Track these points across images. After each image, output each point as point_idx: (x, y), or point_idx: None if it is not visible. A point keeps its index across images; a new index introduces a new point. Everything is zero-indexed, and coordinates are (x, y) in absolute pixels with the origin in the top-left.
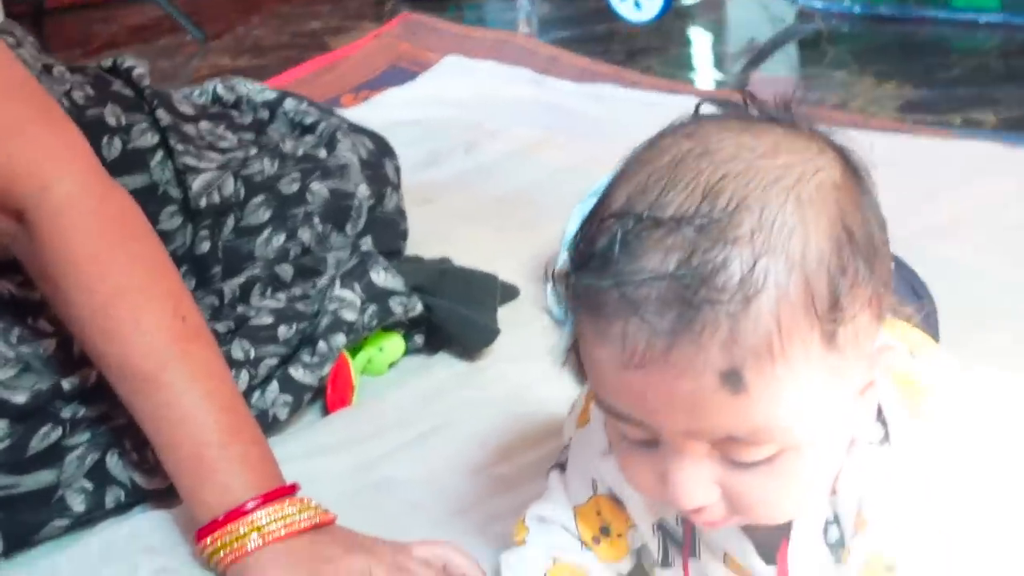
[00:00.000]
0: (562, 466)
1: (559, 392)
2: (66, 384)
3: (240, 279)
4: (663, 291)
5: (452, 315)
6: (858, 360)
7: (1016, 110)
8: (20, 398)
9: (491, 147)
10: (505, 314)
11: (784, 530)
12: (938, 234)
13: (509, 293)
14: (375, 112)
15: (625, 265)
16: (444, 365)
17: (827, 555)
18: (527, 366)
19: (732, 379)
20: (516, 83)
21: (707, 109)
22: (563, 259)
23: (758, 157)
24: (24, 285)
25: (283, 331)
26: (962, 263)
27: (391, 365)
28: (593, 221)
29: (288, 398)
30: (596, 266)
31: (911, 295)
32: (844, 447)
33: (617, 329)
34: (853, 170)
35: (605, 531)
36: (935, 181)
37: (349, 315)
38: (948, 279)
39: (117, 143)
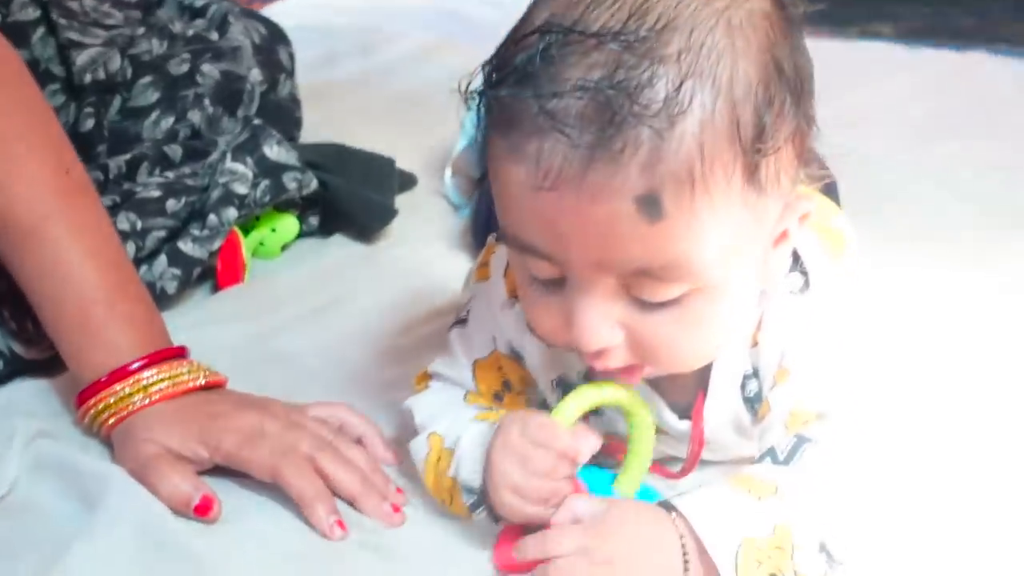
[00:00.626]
0: (462, 322)
1: (457, 272)
2: None
3: (126, 156)
4: (584, 104)
5: (349, 193)
6: (777, 201)
7: (915, 21)
8: None
9: (388, 49)
10: (402, 200)
11: (701, 385)
12: (843, 125)
13: (407, 181)
14: (273, 16)
15: (546, 78)
16: (339, 247)
17: (744, 411)
18: (425, 249)
19: (650, 205)
20: None
21: None
22: (461, 147)
23: None
24: None
25: (171, 204)
26: (867, 152)
27: (284, 247)
28: (511, 40)
29: (176, 271)
30: (514, 80)
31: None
32: (754, 297)
33: (533, 146)
34: (783, 5)
35: (507, 386)
36: (838, 80)
37: (240, 188)
38: (852, 166)
39: None
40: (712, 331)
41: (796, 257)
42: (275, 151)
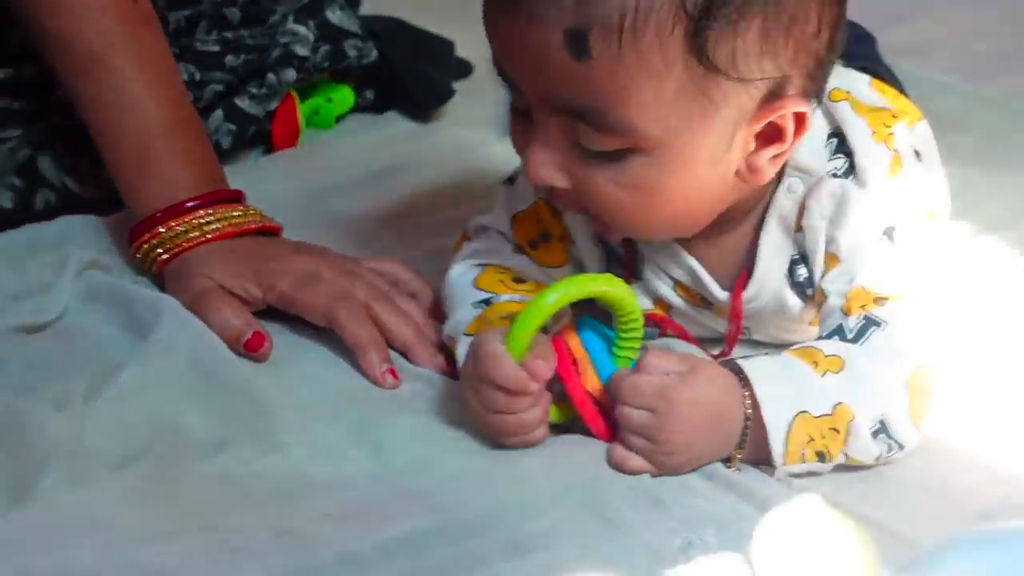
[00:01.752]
0: (511, 179)
1: (510, 156)
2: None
3: (186, 11)
4: None
5: (407, 69)
6: (741, 87)
7: None
8: None
9: None
10: (458, 86)
11: (746, 263)
12: (905, 52)
13: (464, 68)
14: None
15: None
16: (394, 122)
17: (791, 295)
18: (480, 131)
19: (577, 40)
20: None
21: None
22: None
23: None
24: None
25: (230, 59)
26: (929, 78)
27: (339, 118)
28: None
29: (232, 127)
30: None
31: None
32: (722, 183)
33: None
34: None
35: (544, 236)
36: (902, 10)
37: (301, 50)
38: (914, 90)
39: None
40: (660, 201)
41: (840, 140)
42: (337, 16)
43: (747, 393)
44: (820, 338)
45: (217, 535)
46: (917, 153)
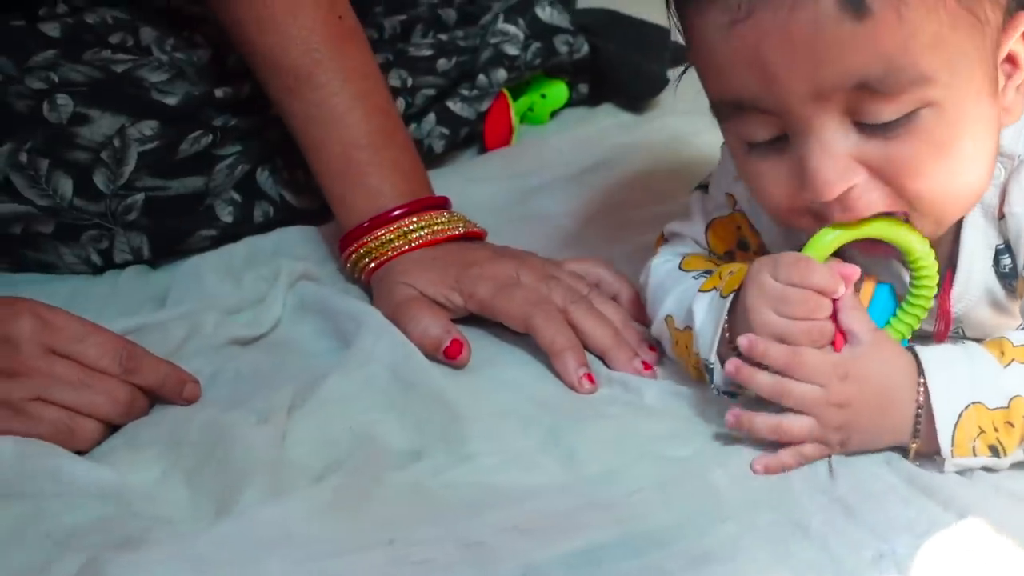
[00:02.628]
0: (704, 186)
1: None
2: (219, 92)
3: (402, 17)
4: None
5: (619, 61)
6: (992, 3)
7: None
8: (171, 100)
9: None
10: (675, 73)
11: (950, 260)
12: None
13: (681, 52)
14: None
15: None
16: (608, 115)
17: (999, 287)
18: (695, 120)
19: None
20: None
21: None
22: None
23: None
24: None
25: (442, 63)
26: None
27: (553, 113)
28: None
29: (444, 130)
30: None
31: None
32: (995, 132)
33: None
34: None
35: (743, 245)
36: None
37: (511, 49)
38: None
39: None
40: (958, 160)
41: None
42: (547, 13)
43: (922, 380)
44: (1016, 329)
45: (403, 548)
46: None
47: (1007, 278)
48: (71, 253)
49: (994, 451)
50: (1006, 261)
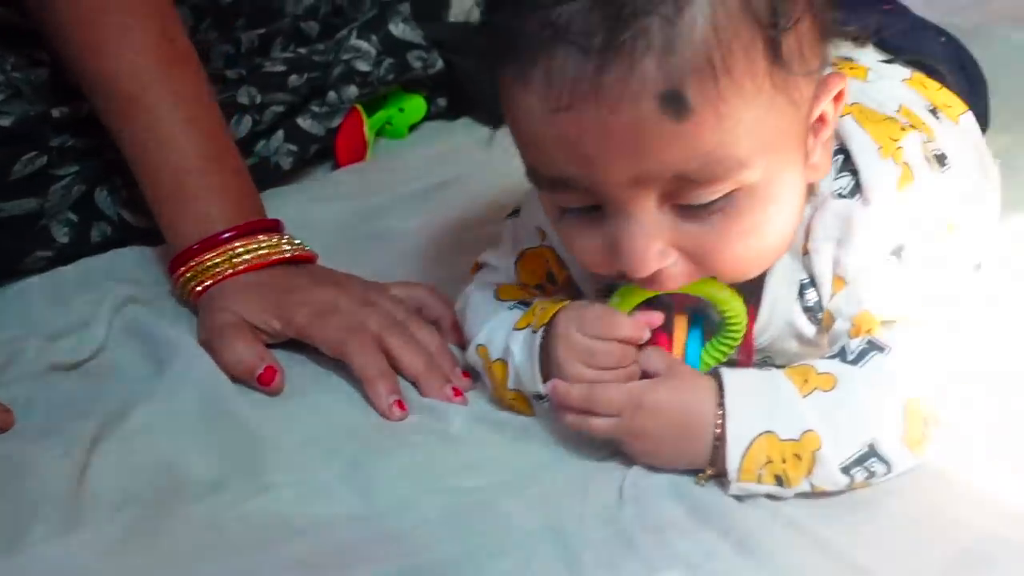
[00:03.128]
0: (517, 212)
1: None
2: (56, 112)
3: (261, 30)
4: (587, 6)
5: (475, 75)
6: (808, 80)
7: None
8: (5, 122)
9: None
10: None
11: (753, 298)
12: (1013, 20)
13: None
14: None
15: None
16: (466, 129)
17: (805, 321)
18: None
19: (674, 100)
20: None
21: None
22: None
23: None
24: (21, 15)
25: (293, 79)
26: None
27: (411, 127)
28: None
29: (293, 147)
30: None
31: (958, 70)
32: (803, 192)
33: (541, 64)
34: None
35: (551, 278)
36: None
37: (363, 66)
38: (1016, 66)
39: None
40: (768, 232)
41: (845, 157)
42: (400, 29)
43: (721, 405)
44: (823, 358)
45: None
46: (941, 158)
47: (812, 311)
48: None
49: (779, 481)
50: (811, 295)
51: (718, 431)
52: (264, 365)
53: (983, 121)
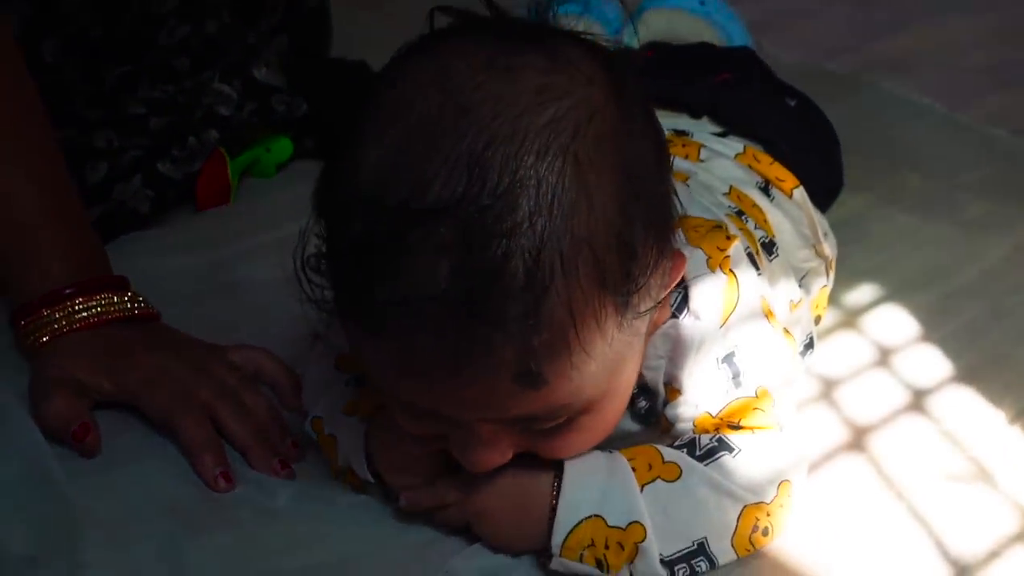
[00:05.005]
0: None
1: None
2: None
3: (130, 66)
4: (440, 311)
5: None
6: (650, 305)
7: None
8: None
9: None
10: None
11: None
12: (891, 67)
13: None
14: None
15: (390, 279)
16: None
17: (632, 424)
18: None
19: (529, 378)
20: None
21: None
22: None
23: (523, 112)
24: None
25: (154, 122)
26: (906, 100)
27: (279, 167)
28: (342, 196)
29: (150, 192)
30: (356, 276)
31: (805, 132)
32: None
33: (393, 345)
34: (625, 90)
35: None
36: (907, 10)
37: (224, 110)
38: (886, 114)
39: None
40: (609, 424)
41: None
42: (263, 73)
43: (556, 485)
44: (672, 445)
45: None
46: (769, 246)
47: (643, 417)
48: None
49: (599, 565)
50: (642, 403)
51: (552, 512)
52: (79, 422)
53: (836, 182)
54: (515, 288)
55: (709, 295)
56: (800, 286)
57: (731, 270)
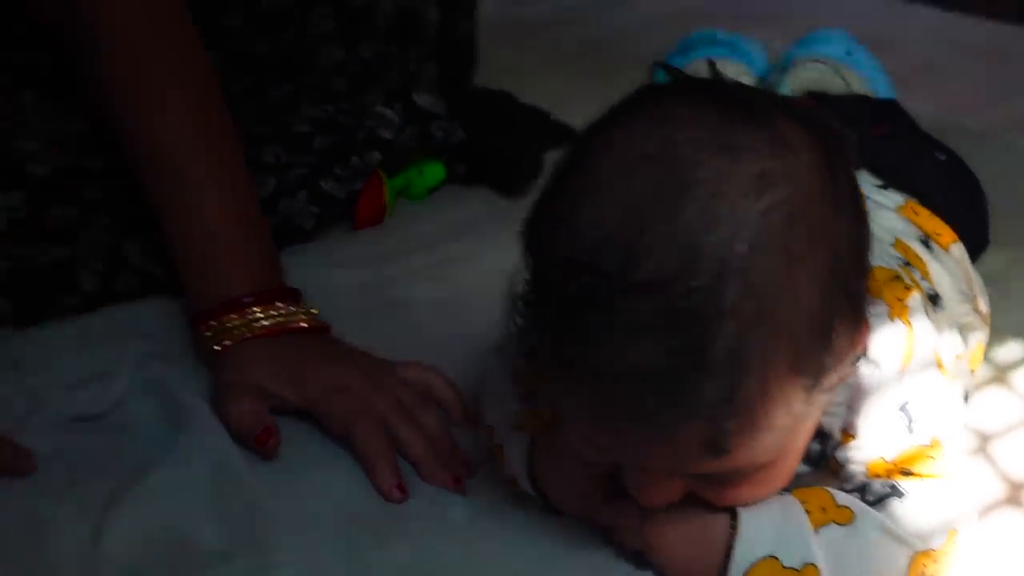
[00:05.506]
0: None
1: None
2: (91, 164)
3: (291, 85)
4: (638, 385)
5: (496, 147)
6: (836, 380)
7: None
8: (41, 171)
9: None
10: (555, 156)
11: None
12: None
13: (563, 134)
14: None
15: (593, 345)
16: (483, 198)
17: (804, 467)
18: None
19: (714, 447)
20: None
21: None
22: None
23: (741, 197)
24: (62, 61)
25: (319, 141)
26: None
27: (430, 190)
28: (554, 250)
29: (315, 209)
30: (559, 333)
31: (956, 190)
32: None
33: (586, 401)
34: (839, 174)
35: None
36: None
37: (386, 133)
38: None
39: None
40: (784, 479)
41: None
42: (425, 99)
43: (734, 522)
44: (843, 488)
45: None
46: (934, 299)
47: (813, 460)
48: None
49: None
50: (814, 447)
51: (728, 547)
52: (263, 426)
53: (982, 239)
54: (715, 372)
55: (889, 345)
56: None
57: (908, 320)
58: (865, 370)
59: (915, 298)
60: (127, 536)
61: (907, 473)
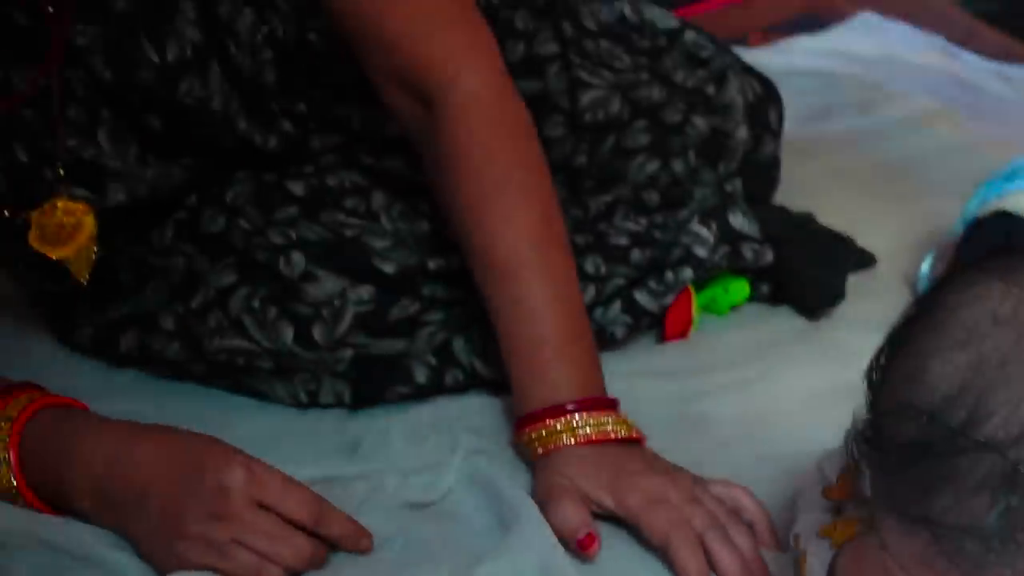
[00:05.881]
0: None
1: None
2: (431, 264)
3: (608, 197)
4: (969, 542)
5: (800, 270)
6: None
7: None
8: (389, 268)
9: (885, 110)
10: (858, 280)
11: None
12: None
13: (865, 260)
14: (778, 56)
15: (928, 495)
16: (784, 318)
17: None
18: (867, 336)
19: None
20: (926, 50)
21: None
22: (955, 233)
23: None
24: (411, 166)
25: (635, 255)
26: None
27: (733, 307)
28: (902, 396)
29: (628, 319)
30: (896, 474)
31: None
32: None
33: (915, 541)
34: None
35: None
36: None
37: (700, 251)
38: None
39: (521, 47)
40: None
41: None
42: (739, 221)
43: None
44: None
45: None
46: None
47: None
48: (283, 387)
49: None
50: None
51: None
52: (587, 531)
53: None
54: None
55: None
56: None
57: None
58: None
59: None
60: None
61: None
